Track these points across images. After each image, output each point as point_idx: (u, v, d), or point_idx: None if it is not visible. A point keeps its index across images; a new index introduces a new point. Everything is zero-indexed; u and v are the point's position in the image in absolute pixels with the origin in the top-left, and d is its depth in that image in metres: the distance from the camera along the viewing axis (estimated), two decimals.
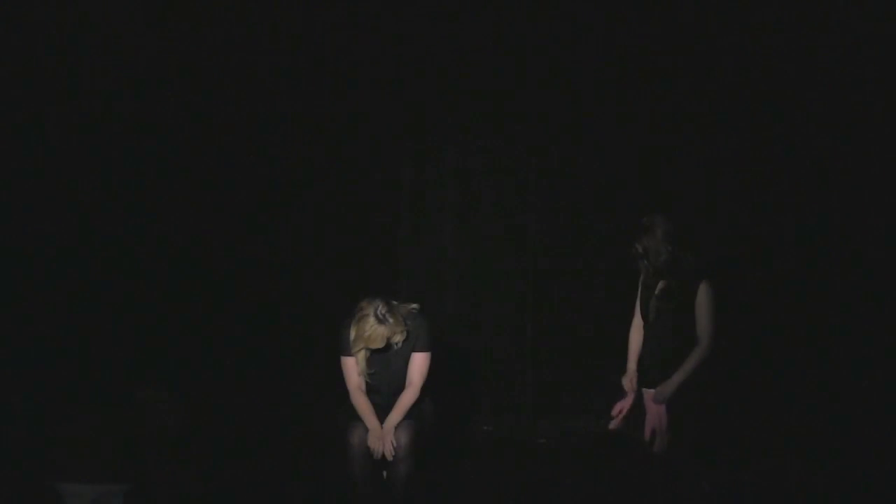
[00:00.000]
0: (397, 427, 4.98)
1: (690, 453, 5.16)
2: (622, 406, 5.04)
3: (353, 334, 4.97)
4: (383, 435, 4.95)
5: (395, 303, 5.04)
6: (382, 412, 5.06)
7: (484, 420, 6.70)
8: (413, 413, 5.07)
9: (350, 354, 5.04)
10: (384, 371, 5.08)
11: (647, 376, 5.14)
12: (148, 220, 6.52)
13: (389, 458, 4.93)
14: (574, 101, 6.62)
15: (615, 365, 6.37)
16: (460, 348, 6.68)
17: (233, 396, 6.51)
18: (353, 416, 5.07)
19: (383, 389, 5.11)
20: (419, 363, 5.08)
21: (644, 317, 5.18)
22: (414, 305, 5.14)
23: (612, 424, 5.03)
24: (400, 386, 5.09)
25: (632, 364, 5.20)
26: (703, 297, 4.96)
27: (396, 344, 5.01)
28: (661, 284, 5.07)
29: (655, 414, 5.02)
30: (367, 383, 5.09)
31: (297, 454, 5.96)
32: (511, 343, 6.73)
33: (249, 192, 6.67)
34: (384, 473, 5.04)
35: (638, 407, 5.04)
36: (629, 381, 5.15)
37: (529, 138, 6.65)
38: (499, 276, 6.73)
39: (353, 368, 5.06)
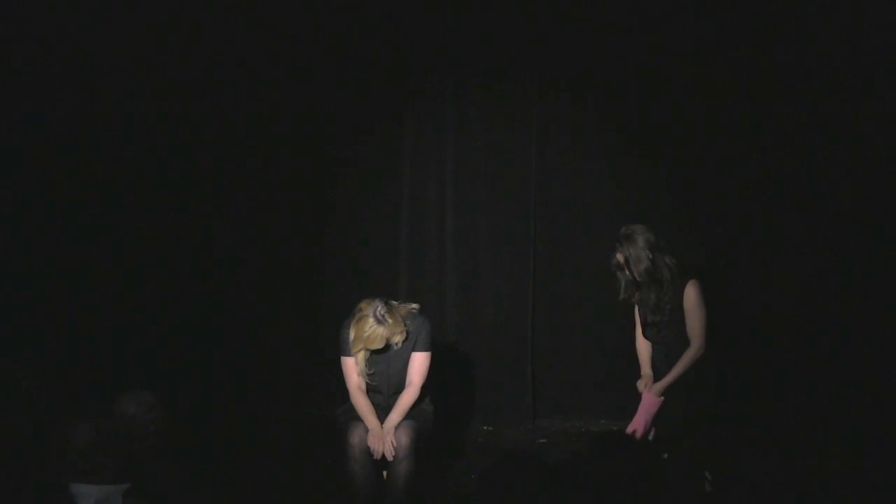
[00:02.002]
0: (397, 427, 4.98)
1: (692, 453, 5.16)
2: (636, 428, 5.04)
3: (352, 335, 4.98)
4: (383, 435, 4.95)
5: (394, 303, 5.05)
6: (382, 412, 5.07)
7: (484, 420, 6.69)
8: (413, 413, 5.07)
9: (350, 355, 5.05)
10: (384, 371, 5.08)
11: (654, 374, 5.15)
12: (144, 219, 6.50)
13: (389, 458, 4.93)
14: (574, 99, 6.61)
15: (615, 365, 6.41)
16: (460, 348, 6.68)
17: (231, 397, 6.50)
18: (353, 416, 5.07)
19: (383, 389, 5.11)
20: (419, 363, 5.09)
21: (643, 327, 5.20)
22: (414, 305, 5.15)
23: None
24: (400, 386, 5.10)
25: (646, 369, 5.21)
26: (689, 298, 5.01)
27: (396, 344, 5.02)
28: (652, 299, 5.09)
29: (647, 411, 5.03)
30: (367, 383, 5.09)
31: (297, 454, 5.96)
32: (511, 343, 6.72)
33: (246, 191, 6.66)
34: (384, 473, 5.04)
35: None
36: (644, 384, 5.15)
37: (530, 137, 6.64)
38: (499, 276, 6.72)
39: (353, 368, 5.06)
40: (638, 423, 5.02)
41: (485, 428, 6.65)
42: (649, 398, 5.04)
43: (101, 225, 6.42)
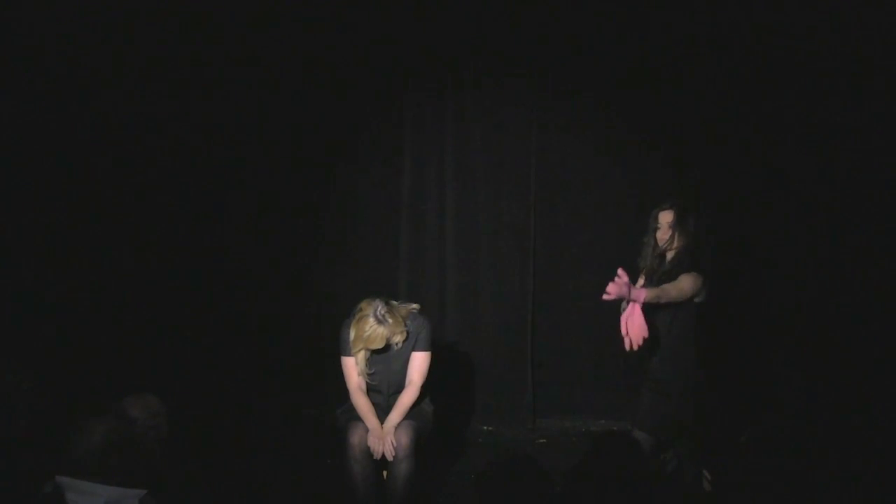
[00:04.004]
0: (397, 427, 4.98)
1: (692, 453, 5.17)
2: (624, 320, 4.91)
3: (352, 334, 4.98)
4: (383, 435, 4.95)
5: (394, 303, 5.05)
6: (382, 412, 5.07)
7: (484, 420, 6.69)
8: (413, 413, 5.08)
9: (350, 354, 5.05)
10: (384, 371, 5.09)
11: (654, 374, 5.14)
12: (144, 221, 6.50)
13: (389, 458, 4.93)
14: (574, 97, 6.61)
15: (615, 365, 6.41)
16: (460, 348, 6.68)
17: (231, 397, 6.50)
18: (353, 416, 5.07)
19: (383, 389, 5.12)
20: (419, 363, 5.09)
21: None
22: (414, 306, 5.16)
23: (627, 345, 4.99)
24: (400, 386, 5.10)
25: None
26: (686, 278, 4.95)
27: (396, 344, 5.02)
28: (659, 274, 5.07)
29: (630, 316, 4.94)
30: (367, 383, 5.09)
31: (297, 454, 5.96)
32: (511, 343, 6.72)
33: (246, 192, 6.66)
34: (384, 473, 5.04)
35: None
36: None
37: (529, 136, 6.64)
38: (499, 277, 6.72)
39: (354, 368, 5.07)
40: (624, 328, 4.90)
41: (485, 428, 6.65)
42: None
43: (101, 225, 6.42)
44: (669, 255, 5.07)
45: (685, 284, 4.96)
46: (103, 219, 6.42)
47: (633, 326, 4.95)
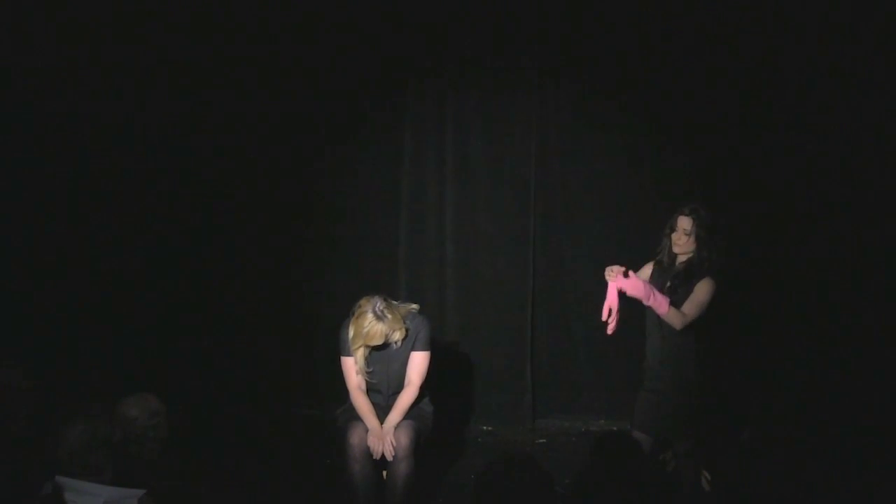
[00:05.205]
0: (397, 427, 4.99)
1: (691, 452, 5.17)
2: (608, 305, 5.02)
3: (351, 331, 4.98)
4: (383, 435, 4.96)
5: (394, 302, 5.05)
6: (382, 412, 5.07)
7: (484, 420, 6.69)
8: (413, 413, 5.08)
9: (349, 354, 5.05)
10: (384, 371, 5.09)
11: (653, 374, 5.14)
12: (143, 219, 6.50)
13: (389, 458, 4.93)
14: (574, 99, 6.60)
15: (615, 365, 6.41)
16: (460, 348, 6.68)
17: (231, 397, 6.50)
18: (353, 416, 5.07)
19: (383, 389, 5.12)
20: (418, 363, 5.09)
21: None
22: (413, 306, 5.16)
23: (610, 329, 5.05)
24: (399, 386, 5.11)
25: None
26: (701, 287, 4.99)
27: (395, 343, 5.02)
28: (667, 280, 5.08)
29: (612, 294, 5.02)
30: (366, 383, 5.09)
31: (297, 454, 5.96)
32: (511, 343, 6.72)
33: (246, 192, 6.66)
34: (384, 473, 5.04)
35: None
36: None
37: (530, 137, 6.63)
38: (499, 276, 6.71)
39: (353, 368, 5.07)
40: (606, 312, 5.01)
41: (485, 428, 6.65)
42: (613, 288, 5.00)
43: (100, 226, 6.42)
44: (683, 258, 5.11)
45: (703, 297, 5.00)
46: (102, 219, 6.42)
47: (607, 302, 5.00)
